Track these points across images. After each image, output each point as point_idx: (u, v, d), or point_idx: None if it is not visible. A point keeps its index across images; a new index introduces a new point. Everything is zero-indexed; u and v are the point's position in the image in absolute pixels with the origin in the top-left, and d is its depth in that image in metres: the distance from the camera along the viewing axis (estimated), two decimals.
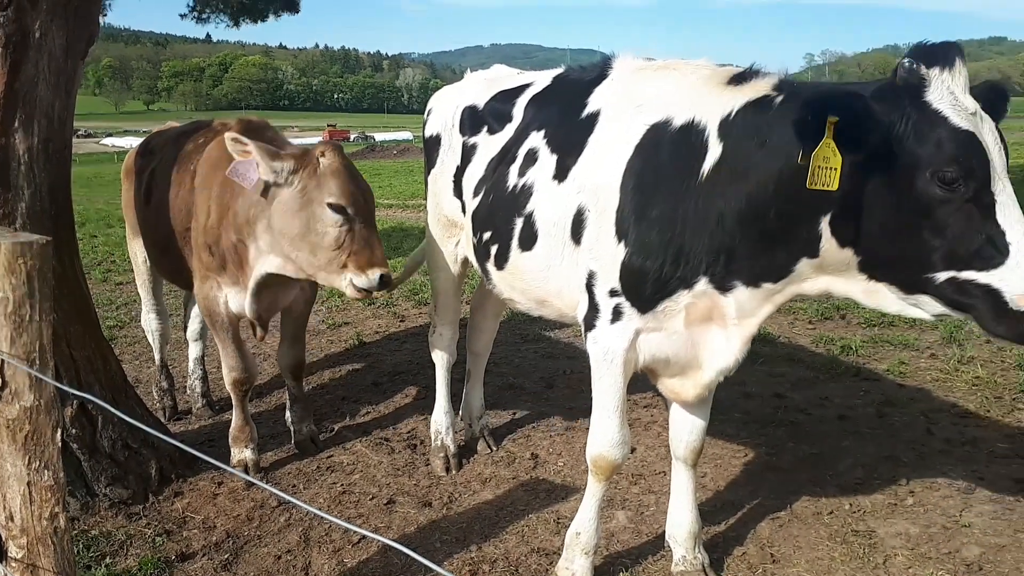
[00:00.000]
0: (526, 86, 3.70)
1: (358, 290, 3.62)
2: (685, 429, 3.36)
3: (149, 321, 5.52)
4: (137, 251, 5.34)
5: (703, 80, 2.86)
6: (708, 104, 2.76)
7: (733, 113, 2.67)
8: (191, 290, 4.67)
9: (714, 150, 2.69)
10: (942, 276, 2.29)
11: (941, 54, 2.23)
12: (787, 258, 2.61)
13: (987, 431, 4.70)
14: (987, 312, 2.26)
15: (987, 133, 2.23)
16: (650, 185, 2.81)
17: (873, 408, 5.13)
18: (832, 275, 2.59)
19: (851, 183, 2.31)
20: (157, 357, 5.55)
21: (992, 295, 2.23)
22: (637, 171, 2.85)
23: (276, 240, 3.79)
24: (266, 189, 3.73)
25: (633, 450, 4.50)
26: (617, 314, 2.92)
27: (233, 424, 4.50)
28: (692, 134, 2.75)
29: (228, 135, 3.73)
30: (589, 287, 2.99)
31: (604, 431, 3.08)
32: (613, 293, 2.91)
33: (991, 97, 2.35)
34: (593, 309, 2.99)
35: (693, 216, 2.72)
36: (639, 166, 2.85)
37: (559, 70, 3.73)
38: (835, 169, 2.24)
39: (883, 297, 2.51)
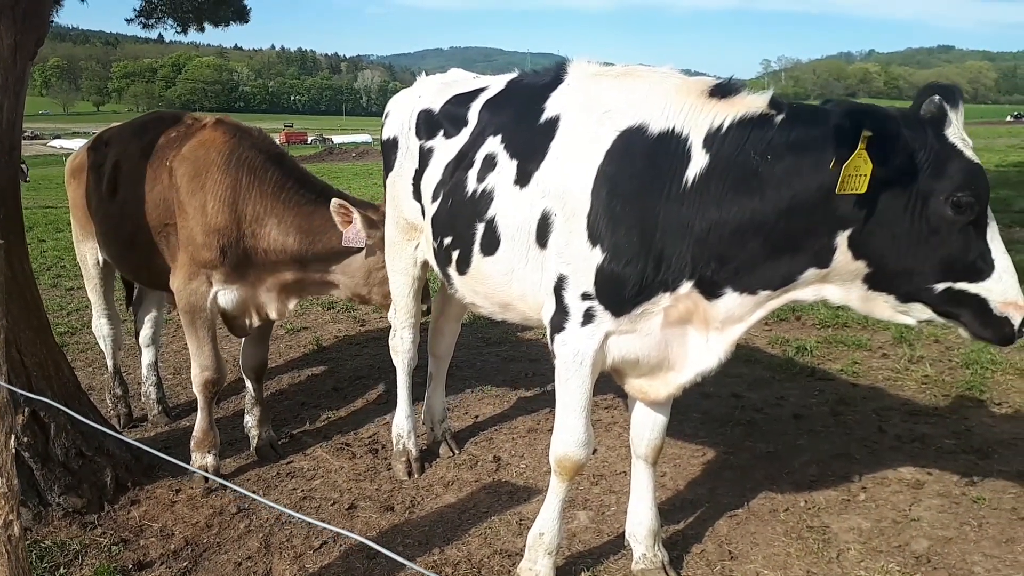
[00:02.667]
0: (481, 90, 3.70)
1: None
2: (647, 427, 3.40)
3: (100, 326, 5.40)
4: (87, 253, 5.21)
5: (677, 89, 2.89)
6: (687, 114, 2.80)
7: (724, 126, 2.70)
8: (155, 287, 4.59)
9: (699, 159, 2.74)
10: (940, 287, 2.56)
11: (954, 96, 2.49)
12: (793, 268, 2.71)
13: (936, 428, 4.84)
14: (975, 318, 2.57)
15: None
16: (626, 191, 2.83)
17: (827, 407, 5.25)
18: (834, 283, 2.73)
19: (872, 199, 2.49)
20: (110, 363, 5.44)
21: (980, 303, 2.53)
22: (610, 176, 2.86)
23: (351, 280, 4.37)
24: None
25: (595, 451, 4.54)
26: (588, 317, 2.93)
27: (197, 427, 4.43)
28: (671, 142, 2.78)
29: (334, 202, 4.04)
30: (558, 290, 2.99)
31: (570, 431, 3.10)
32: (585, 296, 2.92)
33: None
34: (562, 312, 3.00)
35: (676, 222, 2.76)
36: (612, 171, 2.87)
37: (513, 74, 3.75)
38: (865, 176, 2.40)
39: (877, 305, 2.71)
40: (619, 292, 2.86)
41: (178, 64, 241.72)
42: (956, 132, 2.49)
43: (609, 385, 5.20)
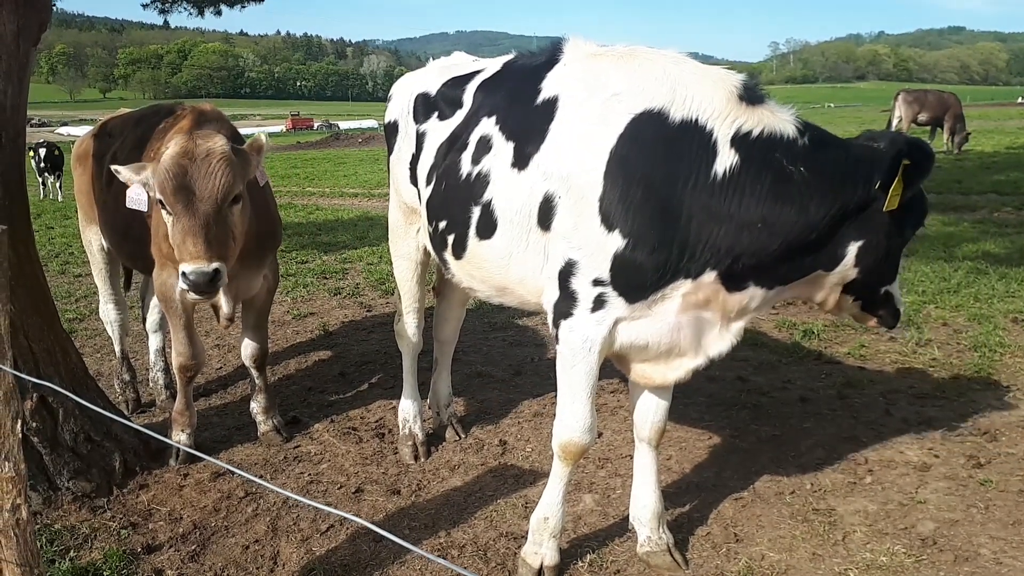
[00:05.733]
0: (476, 72, 3.67)
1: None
2: (651, 410, 3.40)
3: (107, 312, 5.43)
4: (92, 239, 5.24)
5: (697, 79, 2.87)
6: (712, 108, 2.80)
7: (755, 133, 2.76)
8: (151, 274, 4.61)
9: (726, 156, 2.75)
10: (883, 289, 3.10)
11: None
12: (806, 267, 2.92)
13: (943, 411, 4.83)
14: (888, 311, 3.18)
15: None
16: (646, 176, 2.80)
17: (834, 390, 5.24)
18: (828, 286, 3.01)
19: (885, 219, 2.83)
20: (117, 349, 5.47)
21: (892, 298, 3.15)
22: (625, 160, 2.83)
23: None
24: None
25: (600, 435, 4.56)
26: (599, 303, 2.91)
27: (175, 406, 4.55)
28: (694, 133, 2.78)
29: (112, 168, 3.76)
30: (565, 276, 2.96)
31: (576, 417, 3.10)
32: (597, 283, 2.89)
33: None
34: (569, 298, 2.96)
35: (705, 212, 2.76)
36: (627, 155, 2.83)
37: (510, 56, 3.72)
38: (899, 196, 2.76)
39: (839, 302, 3.09)
40: (638, 279, 2.84)
41: (184, 50, 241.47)
42: None
43: (614, 369, 5.20)
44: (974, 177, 15.79)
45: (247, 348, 4.71)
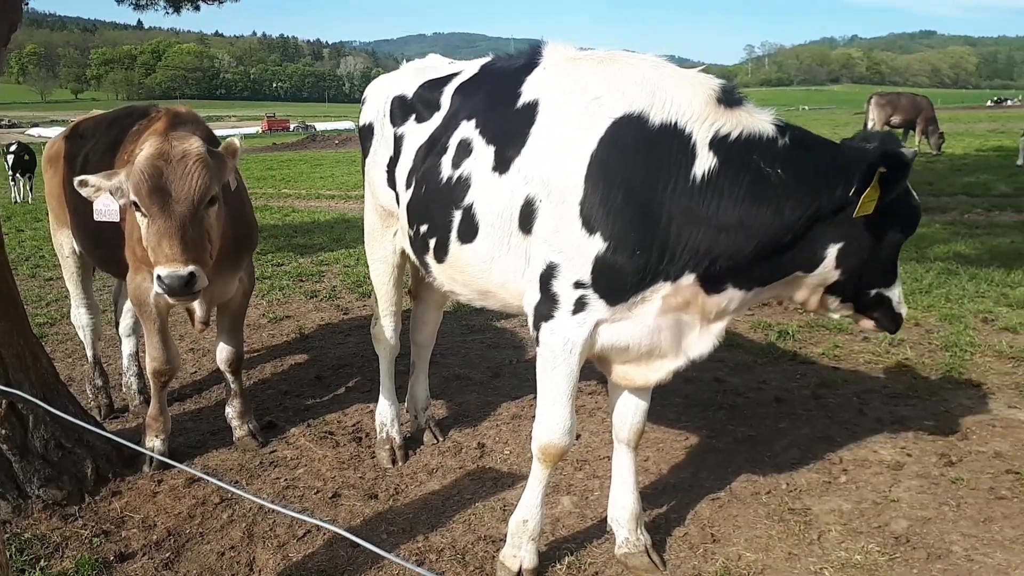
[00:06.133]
0: (454, 75, 3.66)
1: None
2: (630, 411, 3.41)
3: (79, 316, 5.35)
4: (63, 242, 5.16)
5: (676, 82, 2.89)
6: (691, 111, 2.81)
7: (733, 135, 2.78)
8: (124, 278, 4.55)
9: (705, 158, 2.77)
10: (873, 292, 3.08)
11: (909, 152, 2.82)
12: (786, 269, 2.93)
13: (915, 410, 4.90)
14: (884, 314, 3.14)
15: None
16: (626, 180, 2.82)
17: (808, 390, 5.29)
18: (808, 287, 3.01)
19: (865, 222, 2.82)
20: (89, 353, 5.39)
21: (888, 303, 3.12)
22: (606, 164, 2.84)
23: None
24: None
25: (578, 436, 4.56)
26: (580, 305, 2.92)
27: (149, 412, 4.50)
28: (673, 136, 2.80)
29: (76, 180, 3.67)
30: (546, 278, 2.96)
31: (556, 419, 3.09)
32: (578, 285, 2.90)
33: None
34: (550, 300, 2.97)
35: (684, 215, 2.78)
36: (608, 159, 2.85)
37: (487, 58, 3.72)
38: (874, 201, 2.74)
39: (823, 303, 3.08)
40: (619, 281, 2.85)
41: (158, 51, 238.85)
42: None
43: (593, 371, 5.20)
44: (945, 179, 16.04)
45: (222, 352, 4.66)
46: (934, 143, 21.57)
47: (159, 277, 3.39)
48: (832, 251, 2.86)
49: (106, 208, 3.72)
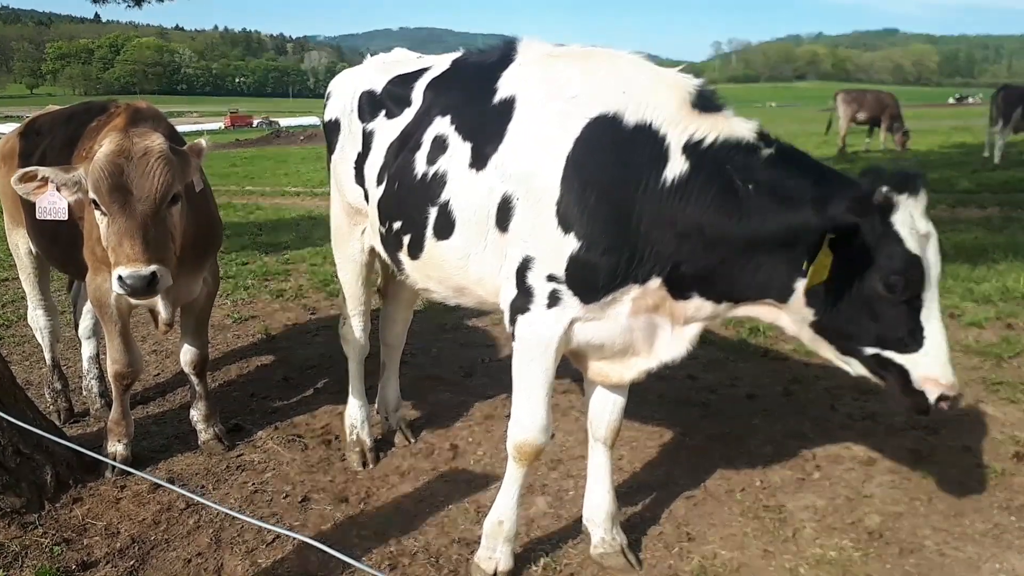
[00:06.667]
0: (424, 70, 3.61)
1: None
2: (607, 409, 3.39)
3: (37, 318, 5.18)
4: (19, 242, 4.99)
5: (653, 83, 2.86)
6: (664, 114, 2.77)
7: (708, 141, 2.72)
8: (84, 279, 4.42)
9: (677, 162, 2.73)
10: (870, 351, 2.75)
11: (911, 183, 2.57)
12: (756, 293, 2.83)
13: (885, 406, 4.92)
14: (897, 384, 2.75)
15: (931, 250, 2.63)
16: (600, 180, 2.80)
17: (780, 387, 5.31)
18: (789, 317, 2.86)
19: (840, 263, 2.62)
20: (48, 356, 5.23)
21: (903, 372, 2.71)
22: (581, 164, 2.82)
23: None
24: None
25: (552, 436, 4.51)
26: (554, 299, 2.89)
27: (111, 416, 4.38)
28: (646, 137, 2.76)
29: (15, 175, 3.53)
30: (522, 272, 2.94)
31: (531, 416, 3.06)
32: (551, 278, 2.87)
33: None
34: (525, 295, 2.95)
35: (653, 218, 2.75)
36: (583, 159, 2.82)
37: (458, 53, 3.66)
38: (827, 267, 2.59)
39: (823, 348, 2.88)
40: (592, 280, 2.83)
41: (116, 45, 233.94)
42: (904, 219, 2.58)
43: (565, 370, 5.17)
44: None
45: (187, 354, 4.54)
46: (899, 140, 21.92)
47: (120, 278, 3.28)
48: (800, 285, 2.71)
49: (51, 206, 3.57)
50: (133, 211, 3.35)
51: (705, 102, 2.82)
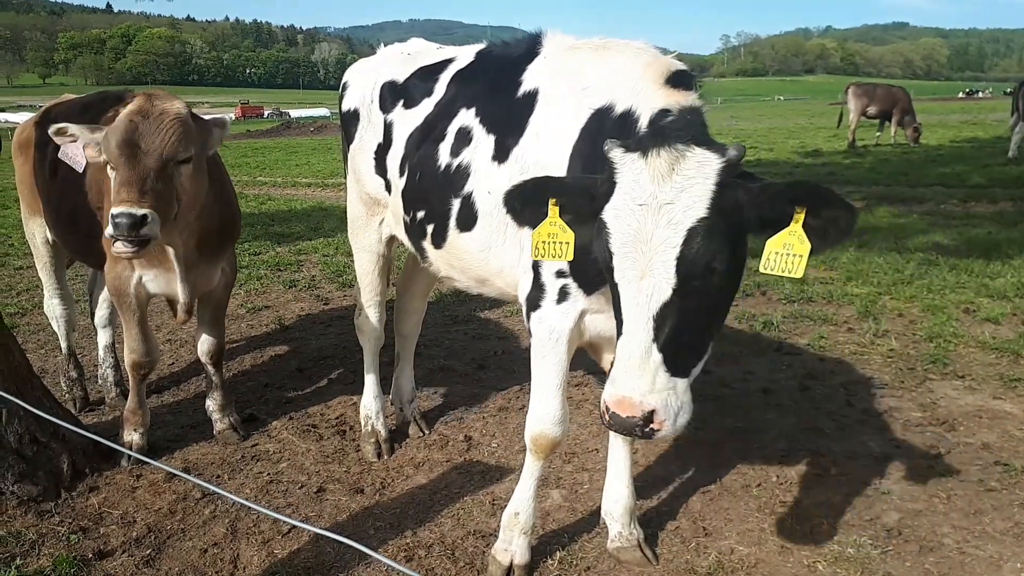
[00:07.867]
0: (448, 61, 3.60)
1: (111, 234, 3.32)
2: None
3: (53, 307, 5.20)
4: (36, 231, 5.01)
5: (643, 67, 2.82)
6: (643, 94, 2.73)
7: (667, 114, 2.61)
8: (102, 269, 4.42)
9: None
10: None
11: (644, 144, 2.28)
12: None
13: (902, 401, 4.90)
14: None
15: (647, 221, 2.22)
16: (595, 171, 2.76)
17: (795, 381, 5.28)
18: None
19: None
20: (64, 345, 5.24)
21: None
22: (584, 156, 2.81)
23: None
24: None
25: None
26: (564, 294, 2.90)
27: (128, 405, 4.40)
28: (628, 124, 2.72)
29: (52, 128, 3.60)
30: (536, 267, 2.95)
31: (547, 409, 3.06)
32: (560, 274, 2.89)
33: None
34: (538, 289, 2.96)
35: None
36: (585, 151, 2.81)
37: (481, 45, 3.65)
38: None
39: None
40: (588, 270, 2.80)
41: (128, 35, 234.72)
42: (626, 180, 2.31)
43: (579, 363, 5.15)
44: (920, 170, 16.16)
45: (204, 343, 4.55)
46: (910, 135, 21.75)
47: (112, 217, 3.26)
48: None
49: (73, 156, 3.71)
50: (138, 163, 3.39)
51: (677, 80, 2.71)
